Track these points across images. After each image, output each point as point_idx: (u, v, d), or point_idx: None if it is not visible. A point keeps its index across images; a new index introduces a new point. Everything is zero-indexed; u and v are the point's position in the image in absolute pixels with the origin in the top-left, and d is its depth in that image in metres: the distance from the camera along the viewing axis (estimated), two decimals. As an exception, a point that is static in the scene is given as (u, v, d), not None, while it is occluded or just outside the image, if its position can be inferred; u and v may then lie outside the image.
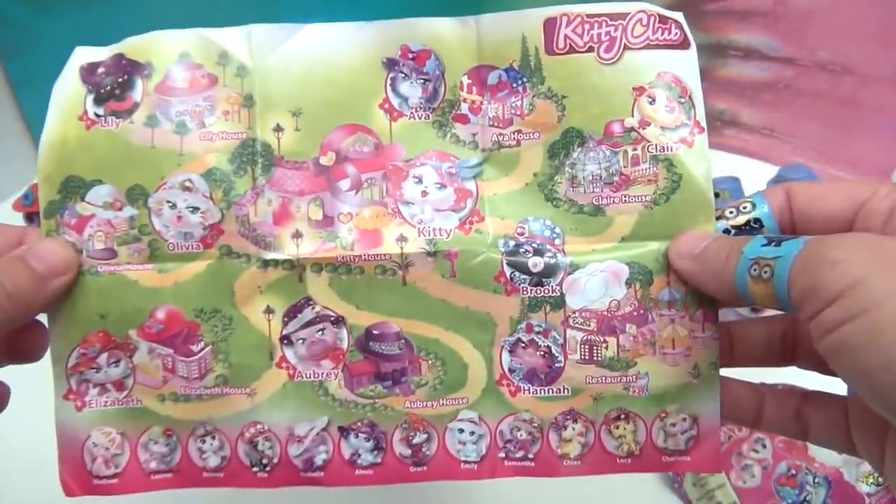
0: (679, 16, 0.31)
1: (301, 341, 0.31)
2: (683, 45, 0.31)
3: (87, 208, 0.31)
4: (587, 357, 0.31)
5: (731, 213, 0.30)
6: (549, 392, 0.31)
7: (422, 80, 0.31)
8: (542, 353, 0.31)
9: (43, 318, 0.31)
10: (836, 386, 0.28)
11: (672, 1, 0.31)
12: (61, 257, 0.30)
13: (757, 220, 0.30)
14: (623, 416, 0.31)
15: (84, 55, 0.31)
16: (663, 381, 0.31)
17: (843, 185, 0.28)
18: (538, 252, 0.31)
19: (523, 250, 0.31)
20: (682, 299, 0.31)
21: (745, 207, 0.30)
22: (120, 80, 0.31)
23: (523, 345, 0.31)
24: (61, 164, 0.31)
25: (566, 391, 0.31)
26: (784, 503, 0.46)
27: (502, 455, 0.32)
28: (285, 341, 0.31)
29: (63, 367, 0.31)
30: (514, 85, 0.31)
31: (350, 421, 0.31)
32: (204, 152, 0.31)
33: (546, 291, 0.31)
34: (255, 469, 0.32)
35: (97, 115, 0.31)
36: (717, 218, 0.31)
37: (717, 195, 0.31)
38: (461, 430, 0.32)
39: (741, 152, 0.76)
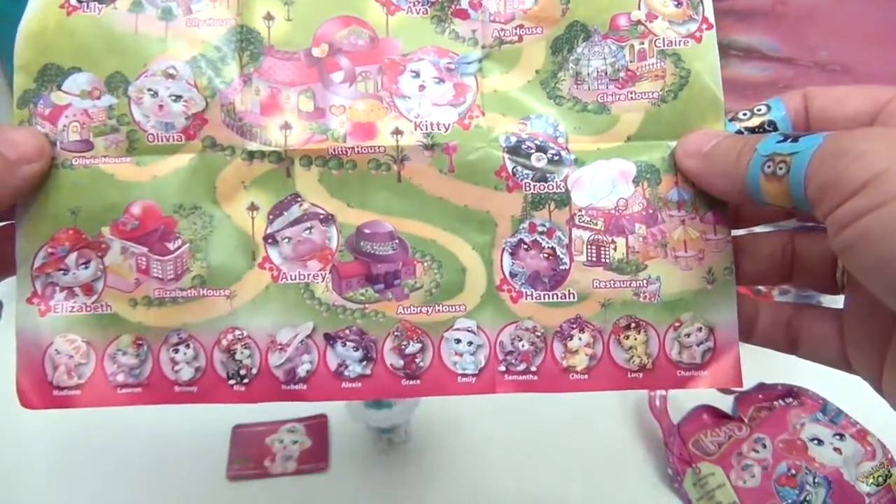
0: None
1: (287, 240, 0.29)
2: None
3: (62, 97, 0.29)
4: (594, 259, 0.29)
5: (744, 115, 0.29)
6: (553, 297, 0.29)
7: (420, -27, 0.30)
8: (545, 254, 0.29)
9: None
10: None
11: None
12: (33, 144, 0.28)
13: (771, 123, 0.28)
14: (634, 325, 0.29)
15: None
16: (676, 287, 0.29)
17: (864, 88, 0.27)
18: (541, 149, 0.29)
19: (525, 146, 0.29)
20: (691, 200, 0.29)
21: (759, 110, 0.29)
22: None
23: (526, 246, 0.29)
24: (39, 51, 0.29)
25: (572, 296, 0.29)
26: (784, 503, 0.46)
27: (503, 368, 0.29)
28: (269, 240, 0.29)
29: (28, 267, 0.29)
30: (516, -23, 0.30)
31: (337, 328, 0.29)
32: (190, 39, 0.29)
33: (550, 188, 0.29)
34: (231, 382, 0.29)
35: (79, 1, 0.29)
36: (730, 120, 0.29)
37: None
38: (458, 341, 0.29)
39: (742, 152, 0.76)
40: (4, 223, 0.29)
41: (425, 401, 0.51)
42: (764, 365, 0.53)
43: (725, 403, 0.54)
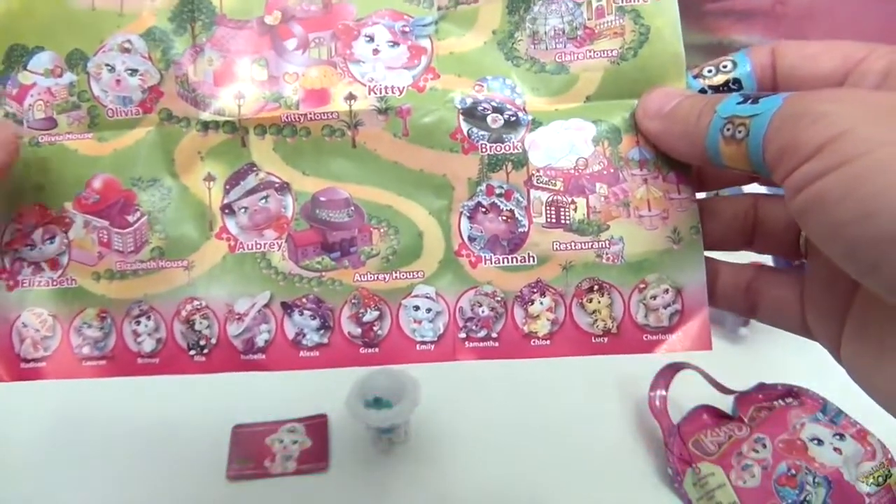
0: None
1: (243, 210, 0.29)
2: None
3: (28, 77, 0.30)
4: (554, 220, 0.28)
5: (709, 71, 0.28)
6: (512, 261, 0.28)
7: (373, -63, 0.30)
8: (504, 217, 0.28)
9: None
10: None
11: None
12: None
13: (736, 81, 0.27)
14: (597, 288, 0.28)
15: None
16: (641, 247, 0.28)
17: (838, 44, 0.26)
18: (497, 110, 0.28)
19: (481, 108, 0.28)
20: (653, 160, 0.28)
21: (724, 66, 0.28)
22: None
23: (484, 209, 0.28)
24: (5, 33, 0.30)
25: (532, 259, 0.28)
26: (784, 503, 0.45)
27: (463, 335, 0.28)
28: (226, 210, 0.29)
29: None
30: (470, -63, 0.29)
31: (294, 296, 0.29)
32: (144, 12, 0.29)
33: (507, 148, 0.28)
34: (192, 352, 0.29)
35: None
36: (695, 76, 0.28)
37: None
38: (416, 308, 0.29)
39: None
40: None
41: (425, 401, 0.51)
42: (764, 365, 0.53)
43: (725, 403, 0.53)
